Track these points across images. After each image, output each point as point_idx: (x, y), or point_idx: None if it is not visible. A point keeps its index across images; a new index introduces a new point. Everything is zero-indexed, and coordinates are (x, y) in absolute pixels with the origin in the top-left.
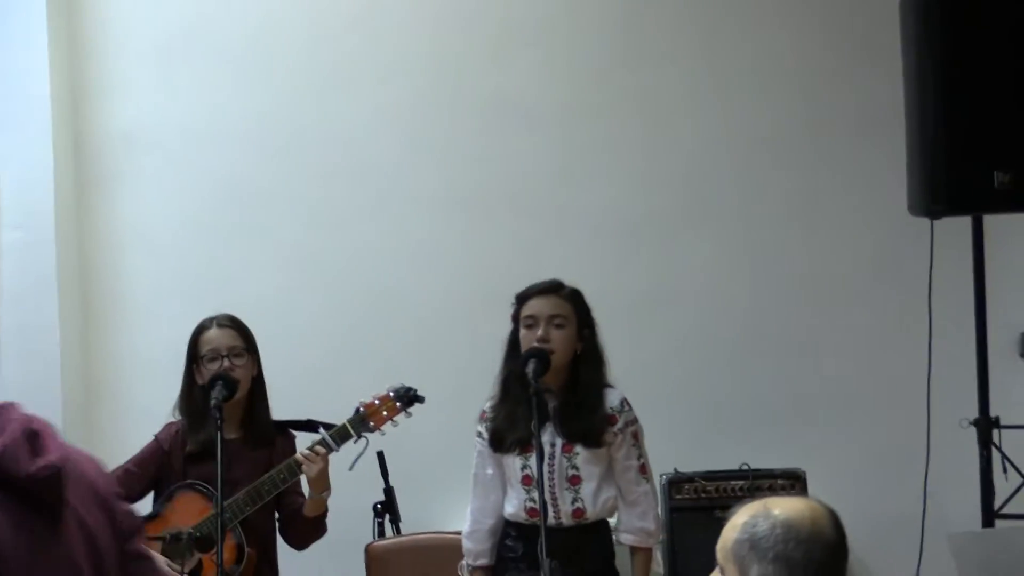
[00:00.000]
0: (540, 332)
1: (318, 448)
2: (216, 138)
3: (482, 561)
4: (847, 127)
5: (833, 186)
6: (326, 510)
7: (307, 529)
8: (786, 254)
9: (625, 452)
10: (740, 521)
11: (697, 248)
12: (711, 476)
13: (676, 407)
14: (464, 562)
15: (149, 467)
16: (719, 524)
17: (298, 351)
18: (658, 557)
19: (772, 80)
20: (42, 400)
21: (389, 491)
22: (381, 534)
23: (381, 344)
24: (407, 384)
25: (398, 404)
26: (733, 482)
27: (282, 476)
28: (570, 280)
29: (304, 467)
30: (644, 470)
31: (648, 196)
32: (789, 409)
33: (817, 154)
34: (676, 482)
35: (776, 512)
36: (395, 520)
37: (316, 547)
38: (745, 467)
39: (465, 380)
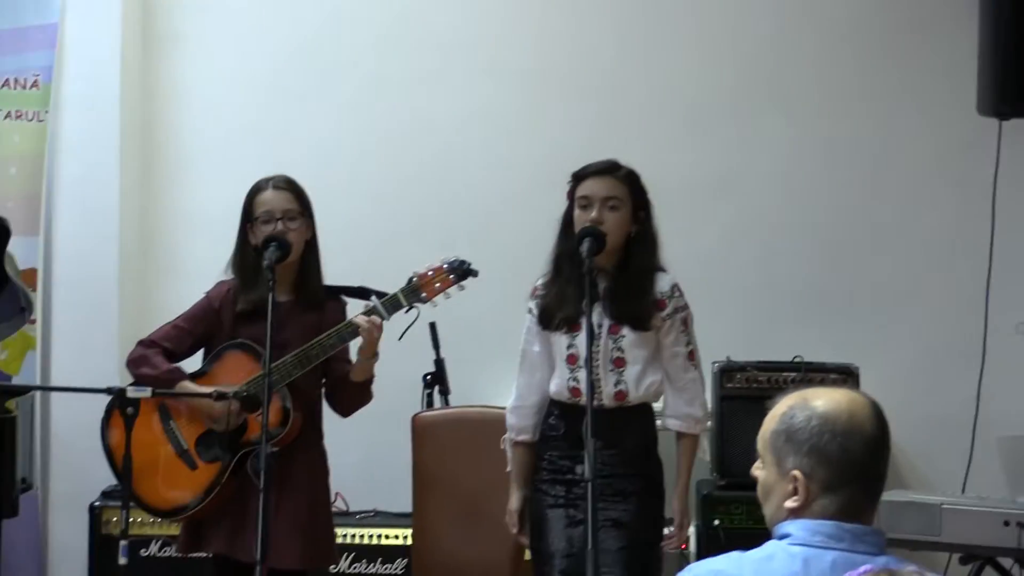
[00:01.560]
0: (594, 214)
1: (375, 318)
2: (282, 1)
3: (524, 437)
4: (921, 23)
5: (903, 81)
6: (372, 376)
7: (353, 395)
8: (850, 147)
9: (674, 338)
10: (779, 412)
11: (761, 136)
12: (764, 367)
13: (732, 295)
14: (507, 436)
15: (199, 324)
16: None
17: (356, 218)
18: (704, 444)
19: None
20: (97, 253)
21: (440, 362)
22: (430, 405)
23: (437, 215)
24: (462, 257)
25: (451, 276)
26: (785, 374)
27: (332, 341)
28: (630, 161)
29: (363, 333)
30: (692, 357)
31: (714, 80)
32: (846, 304)
33: (889, 48)
34: (728, 370)
35: (814, 404)
36: (444, 392)
37: (364, 415)
38: (799, 359)
39: (520, 255)
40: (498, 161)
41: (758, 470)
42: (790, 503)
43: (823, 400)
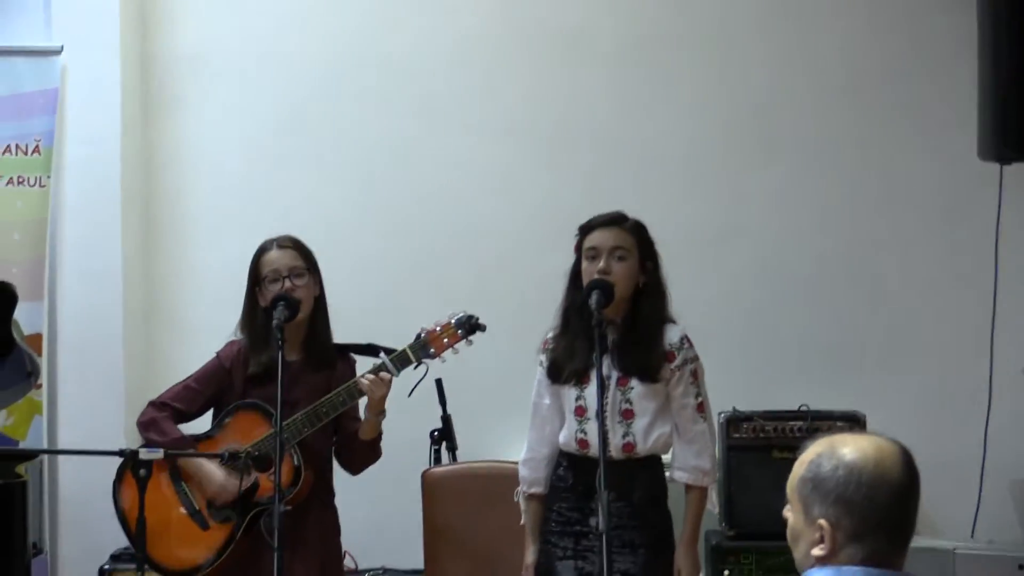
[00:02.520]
0: (601, 264)
1: (384, 374)
2: (283, 63)
3: (536, 489)
4: (919, 68)
5: (903, 127)
6: (380, 433)
7: (363, 452)
8: (852, 194)
9: (683, 390)
10: (807, 459)
11: (762, 186)
12: (770, 416)
13: (737, 345)
14: (520, 489)
15: (210, 384)
16: (776, 464)
17: (360, 278)
18: (713, 497)
19: (845, 18)
20: (102, 317)
21: (447, 419)
22: (437, 461)
23: (443, 272)
24: (469, 312)
25: (459, 332)
26: (792, 423)
27: (341, 399)
28: (635, 213)
29: (368, 391)
30: (702, 408)
31: (715, 132)
32: (851, 351)
33: (888, 95)
34: (734, 420)
35: (841, 452)
36: (452, 448)
37: (374, 473)
38: (804, 408)
39: (525, 310)
40: (496, 217)
41: (788, 513)
42: (817, 551)
43: (850, 448)
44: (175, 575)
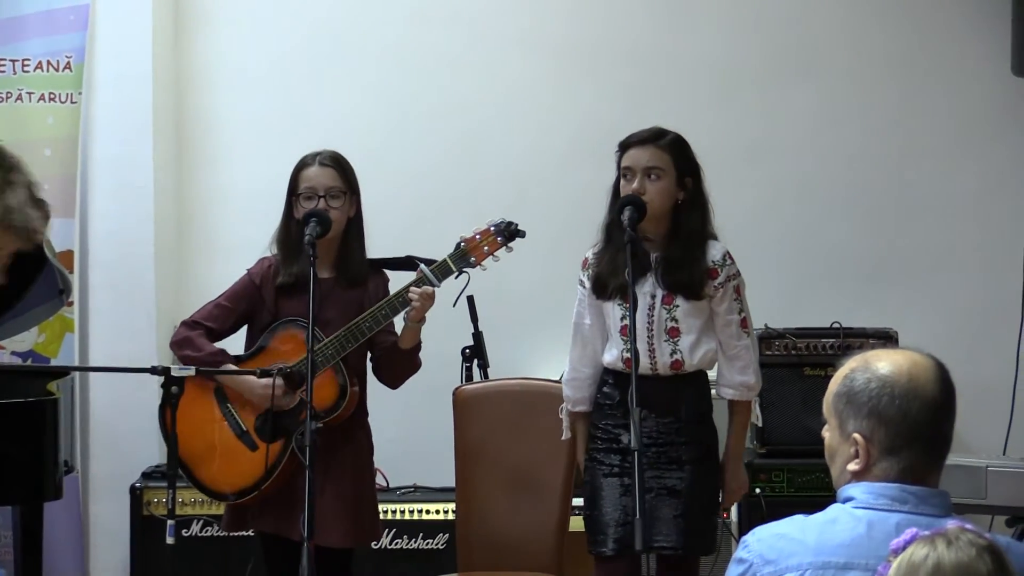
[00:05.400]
0: (635, 184)
1: (428, 287)
2: None
3: (580, 408)
4: None
5: (936, 43)
6: (420, 342)
7: (403, 363)
8: (887, 111)
9: (727, 306)
10: (841, 374)
11: (793, 102)
12: (802, 333)
13: (769, 262)
14: (564, 406)
15: (241, 302)
16: (808, 381)
17: (395, 194)
18: (756, 410)
19: None
20: (133, 234)
21: (478, 336)
22: (469, 378)
23: (471, 189)
24: (507, 218)
25: (499, 239)
26: (824, 340)
27: (384, 313)
28: (672, 128)
29: (415, 305)
30: (745, 324)
31: (745, 48)
32: (884, 268)
33: (920, 11)
34: (767, 338)
35: (875, 366)
36: (483, 365)
37: (405, 390)
38: (836, 325)
39: (558, 227)
40: (530, 134)
41: (825, 432)
42: (852, 466)
43: (884, 362)
44: (224, 497)
